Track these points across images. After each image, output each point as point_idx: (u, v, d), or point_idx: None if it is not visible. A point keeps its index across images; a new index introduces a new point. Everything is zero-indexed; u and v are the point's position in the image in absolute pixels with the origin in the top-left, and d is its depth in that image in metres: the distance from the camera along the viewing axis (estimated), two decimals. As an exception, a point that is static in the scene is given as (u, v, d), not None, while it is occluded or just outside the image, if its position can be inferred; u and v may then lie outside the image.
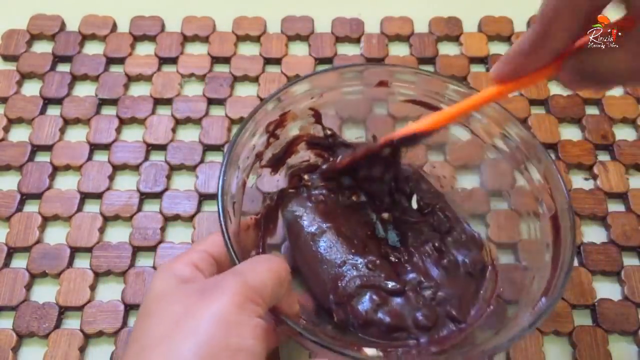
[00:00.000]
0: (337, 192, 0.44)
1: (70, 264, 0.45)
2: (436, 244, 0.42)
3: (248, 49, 0.56)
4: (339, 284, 0.38)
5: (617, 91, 0.54)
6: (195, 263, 0.31)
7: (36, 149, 0.50)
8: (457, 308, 0.38)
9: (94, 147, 0.50)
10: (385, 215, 0.43)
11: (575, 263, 0.45)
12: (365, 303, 0.38)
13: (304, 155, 0.45)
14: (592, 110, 0.53)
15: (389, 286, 0.39)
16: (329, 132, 0.44)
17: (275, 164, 0.43)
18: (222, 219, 0.34)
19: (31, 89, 0.53)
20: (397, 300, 0.38)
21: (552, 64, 0.31)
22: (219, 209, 0.34)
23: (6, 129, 0.51)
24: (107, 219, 0.47)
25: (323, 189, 0.43)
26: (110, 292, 0.44)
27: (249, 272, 0.28)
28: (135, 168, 0.49)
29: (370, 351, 0.36)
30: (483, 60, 0.55)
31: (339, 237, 0.41)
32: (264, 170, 0.43)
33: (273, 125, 0.41)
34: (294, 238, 0.41)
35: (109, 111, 0.52)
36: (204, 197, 0.48)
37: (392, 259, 0.41)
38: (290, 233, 0.42)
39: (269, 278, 0.29)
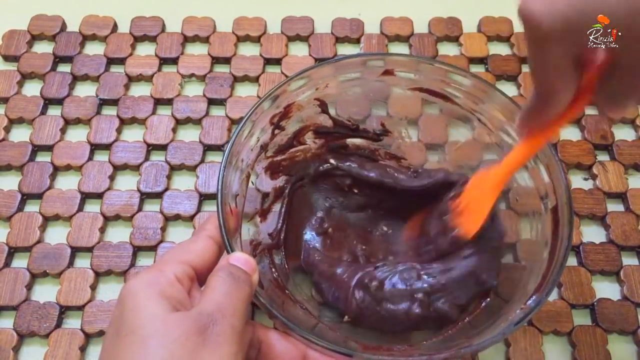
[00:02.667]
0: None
1: (70, 263, 0.45)
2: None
3: (248, 50, 0.56)
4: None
5: (616, 91, 0.54)
6: (179, 278, 0.30)
7: (37, 149, 0.50)
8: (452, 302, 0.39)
9: (95, 147, 0.50)
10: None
11: (575, 263, 0.46)
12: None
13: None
14: (591, 111, 0.53)
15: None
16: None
17: (282, 153, 0.44)
18: (221, 217, 0.34)
19: (32, 89, 0.53)
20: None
21: (573, 106, 0.31)
22: (218, 207, 0.34)
23: (7, 129, 0.51)
24: (107, 219, 0.47)
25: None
26: (110, 291, 0.44)
27: (233, 317, 0.29)
28: (136, 168, 0.49)
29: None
30: (483, 60, 0.55)
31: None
32: (264, 173, 0.43)
33: (278, 117, 0.41)
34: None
35: (109, 111, 0.52)
36: (204, 197, 0.48)
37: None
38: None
39: (245, 312, 0.30)
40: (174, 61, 0.55)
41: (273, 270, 0.41)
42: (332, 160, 0.45)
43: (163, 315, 0.27)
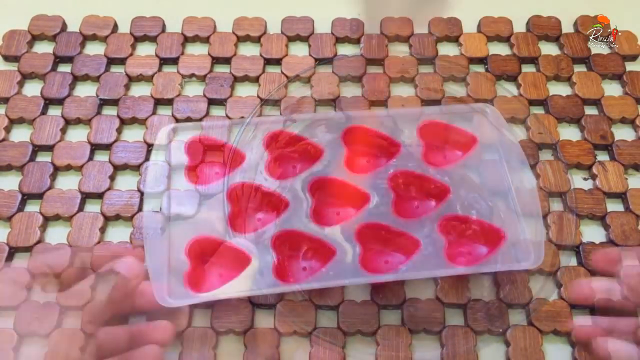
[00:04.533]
0: None
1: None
2: None
3: (248, 50, 0.56)
4: None
5: (616, 91, 0.54)
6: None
7: (37, 149, 0.50)
8: None
9: (95, 147, 0.50)
10: None
11: (575, 263, 0.46)
12: None
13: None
14: (591, 111, 0.53)
15: None
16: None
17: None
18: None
19: (32, 89, 0.53)
20: None
21: None
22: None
23: (7, 129, 0.51)
24: (107, 219, 0.47)
25: None
26: (111, 291, 0.44)
27: None
28: (136, 168, 0.49)
29: None
30: (482, 60, 0.55)
31: None
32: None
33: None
34: None
35: (109, 111, 0.52)
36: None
37: None
38: None
39: None
40: (174, 61, 0.55)
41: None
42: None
43: None
